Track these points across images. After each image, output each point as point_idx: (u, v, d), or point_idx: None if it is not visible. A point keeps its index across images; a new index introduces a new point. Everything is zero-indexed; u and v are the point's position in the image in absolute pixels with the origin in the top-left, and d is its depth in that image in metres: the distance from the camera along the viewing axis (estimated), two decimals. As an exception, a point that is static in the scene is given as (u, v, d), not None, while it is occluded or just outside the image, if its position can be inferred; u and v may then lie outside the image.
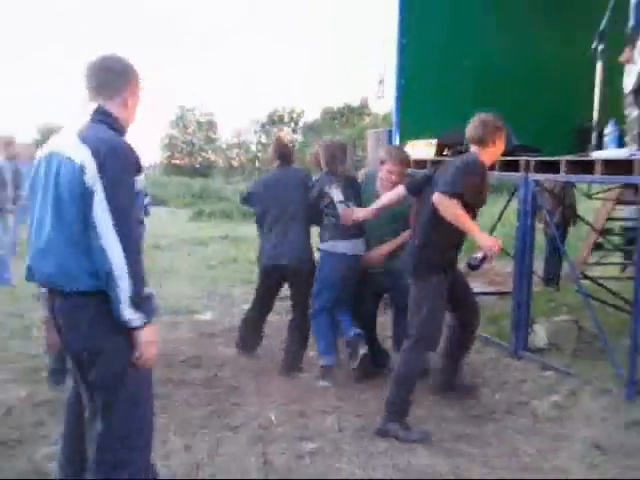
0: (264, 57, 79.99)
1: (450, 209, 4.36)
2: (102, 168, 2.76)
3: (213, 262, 11.13)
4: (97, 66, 3.02)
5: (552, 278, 8.71)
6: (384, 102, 22.44)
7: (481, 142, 4.69)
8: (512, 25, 8.14)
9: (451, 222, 4.40)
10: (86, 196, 2.77)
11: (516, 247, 6.21)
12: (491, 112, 4.93)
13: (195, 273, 10.12)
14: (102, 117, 2.96)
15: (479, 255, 4.50)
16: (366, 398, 5.15)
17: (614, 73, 6.36)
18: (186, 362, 5.86)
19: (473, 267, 4.62)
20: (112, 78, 3.02)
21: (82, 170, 2.77)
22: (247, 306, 6.44)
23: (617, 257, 9.76)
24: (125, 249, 2.77)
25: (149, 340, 2.89)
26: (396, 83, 7.93)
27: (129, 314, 2.81)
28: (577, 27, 6.70)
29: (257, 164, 47.59)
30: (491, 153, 4.78)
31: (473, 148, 4.75)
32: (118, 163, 2.82)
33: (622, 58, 6.12)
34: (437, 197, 4.38)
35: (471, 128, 4.73)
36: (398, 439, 4.38)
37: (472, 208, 4.55)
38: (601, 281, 7.67)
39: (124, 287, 2.77)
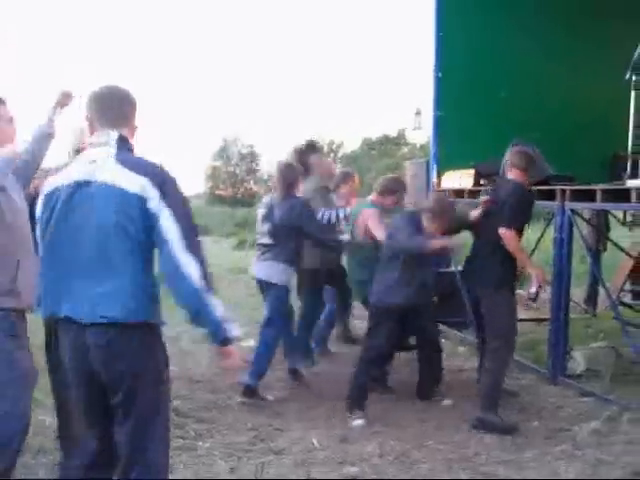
0: (304, 89, 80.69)
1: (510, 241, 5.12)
2: (165, 195, 2.80)
3: (255, 290, 11.25)
4: (111, 96, 3.06)
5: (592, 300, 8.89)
6: (421, 133, 22.49)
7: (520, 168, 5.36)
8: (547, 55, 8.24)
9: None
10: (150, 224, 2.80)
11: (553, 274, 6.28)
12: (526, 142, 5.20)
13: (238, 301, 10.27)
14: (126, 145, 2.99)
15: (534, 286, 5.37)
16: (407, 424, 5.24)
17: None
18: (231, 387, 5.99)
19: (534, 299, 5.66)
20: (128, 108, 3.08)
21: (144, 200, 2.79)
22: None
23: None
24: (201, 266, 2.85)
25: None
26: (433, 115, 8.10)
27: (231, 328, 2.90)
28: (612, 57, 6.79)
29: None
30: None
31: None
32: (175, 187, 2.90)
33: None
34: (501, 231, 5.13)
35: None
36: (494, 426, 4.99)
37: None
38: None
39: (214, 303, 2.85)
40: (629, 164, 6.21)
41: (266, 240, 5.91)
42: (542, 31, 8.22)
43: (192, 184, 51.13)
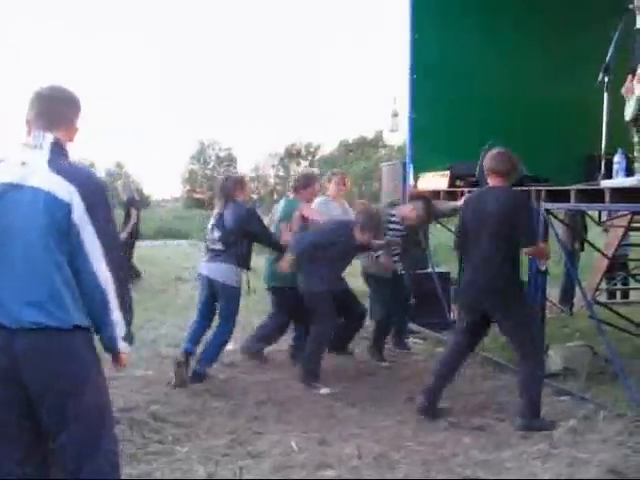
0: (282, 91, 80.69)
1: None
2: (91, 207, 2.81)
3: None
4: (53, 97, 3.00)
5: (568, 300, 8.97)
6: (398, 135, 22.60)
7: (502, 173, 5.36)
8: (521, 57, 8.32)
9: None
10: (74, 231, 2.79)
11: (529, 275, 6.31)
12: (500, 144, 5.20)
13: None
14: (61, 150, 2.92)
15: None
16: (385, 426, 5.25)
17: (622, 103, 6.52)
18: (208, 391, 5.99)
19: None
20: (69, 110, 3.03)
21: (69, 208, 2.78)
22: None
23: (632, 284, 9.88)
24: (117, 279, 2.88)
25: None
26: (408, 117, 8.13)
27: (123, 347, 3.05)
28: (585, 59, 6.84)
29: (275, 197, 47.85)
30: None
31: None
32: (104, 199, 2.91)
33: (623, 90, 6.30)
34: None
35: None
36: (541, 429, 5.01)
37: None
38: (614, 306, 7.76)
39: (117, 319, 2.93)
40: (603, 164, 6.25)
41: (218, 246, 6.44)
42: (517, 33, 8.30)
43: (169, 187, 50.97)
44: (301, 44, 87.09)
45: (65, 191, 2.78)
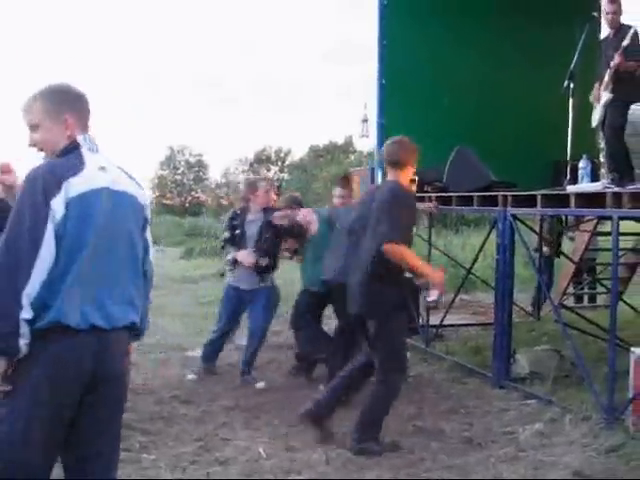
0: (251, 96, 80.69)
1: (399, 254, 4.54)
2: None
3: (204, 299, 11.22)
4: (83, 96, 2.90)
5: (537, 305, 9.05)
6: (368, 140, 22.66)
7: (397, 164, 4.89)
8: (489, 64, 8.40)
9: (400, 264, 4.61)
10: (146, 230, 2.97)
11: (496, 279, 6.37)
12: (470, 148, 5.19)
13: (186, 310, 10.22)
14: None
15: (434, 293, 4.77)
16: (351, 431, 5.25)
17: (587, 110, 6.62)
18: (176, 398, 5.95)
19: (435, 307, 4.86)
20: (88, 108, 2.94)
21: (146, 210, 2.97)
22: (240, 342, 6.98)
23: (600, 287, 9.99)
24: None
25: None
26: (377, 122, 8.15)
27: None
28: (553, 65, 6.90)
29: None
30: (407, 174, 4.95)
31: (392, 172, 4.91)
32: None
33: (591, 97, 6.40)
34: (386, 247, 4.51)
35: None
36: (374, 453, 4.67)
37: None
38: (582, 310, 7.85)
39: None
40: (568, 170, 6.33)
41: None
42: (484, 39, 8.37)
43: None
44: (271, 49, 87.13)
45: (141, 193, 2.95)
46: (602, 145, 6.50)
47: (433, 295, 4.80)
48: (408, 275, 4.84)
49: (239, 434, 5.15)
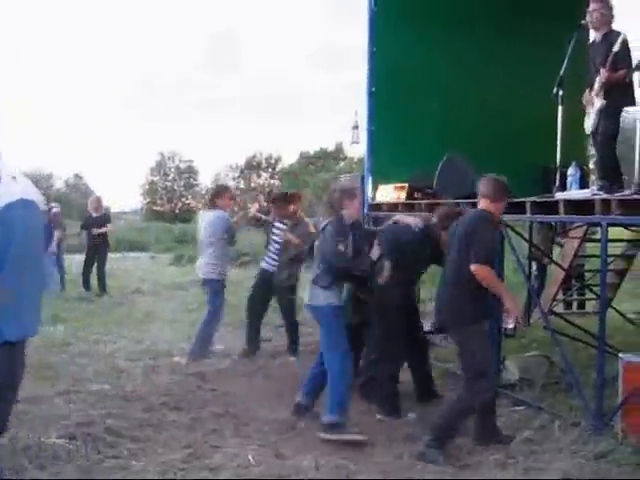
0: (241, 103, 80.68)
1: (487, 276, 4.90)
2: None
3: (192, 306, 11.19)
4: None
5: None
6: (359, 147, 22.69)
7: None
8: (479, 71, 8.42)
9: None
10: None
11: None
12: (459, 155, 5.22)
13: (175, 317, 10.19)
14: None
15: (511, 321, 5.38)
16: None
17: (576, 117, 6.65)
18: (165, 405, 5.92)
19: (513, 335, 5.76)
20: None
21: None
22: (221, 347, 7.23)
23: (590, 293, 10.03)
24: None
25: None
26: (367, 129, 8.17)
27: None
28: (543, 72, 6.92)
29: (235, 209, 47.72)
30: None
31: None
32: None
33: (584, 100, 6.41)
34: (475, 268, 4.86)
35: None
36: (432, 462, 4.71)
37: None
38: (571, 317, 7.87)
39: None
40: (558, 177, 6.35)
41: None
42: (474, 47, 8.40)
43: (128, 199, 50.59)
44: (261, 55, 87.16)
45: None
46: (593, 152, 6.51)
47: (510, 323, 5.41)
48: None
49: (228, 441, 5.13)
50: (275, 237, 7.79)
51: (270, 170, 53.22)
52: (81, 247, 14.26)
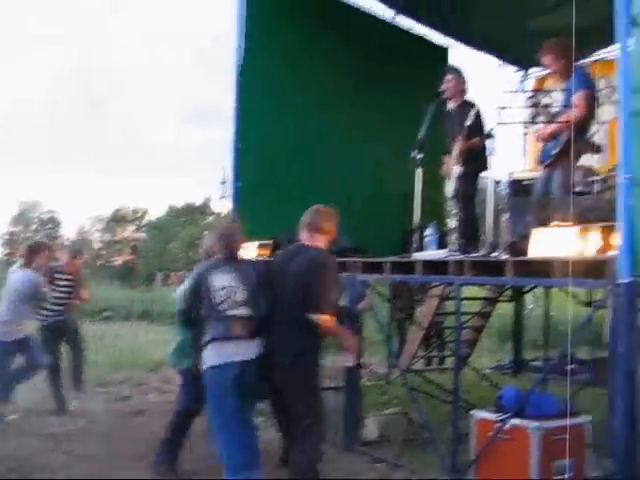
0: (107, 152, 79.22)
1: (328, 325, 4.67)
2: None
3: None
4: None
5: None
6: (227, 202, 22.73)
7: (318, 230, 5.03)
8: (343, 132, 8.64)
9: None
10: None
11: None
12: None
13: None
14: None
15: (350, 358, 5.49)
16: None
17: (436, 179, 6.94)
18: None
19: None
20: None
21: None
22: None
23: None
24: None
25: None
26: (233, 186, 8.15)
27: None
28: (405, 136, 7.14)
29: (99, 262, 46.57)
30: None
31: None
32: None
33: (444, 170, 6.78)
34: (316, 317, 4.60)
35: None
36: None
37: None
38: (431, 373, 8.05)
39: None
40: (417, 237, 6.58)
41: None
42: (341, 108, 8.63)
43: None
44: (127, 108, 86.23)
45: None
46: (454, 212, 6.79)
47: (349, 361, 5.62)
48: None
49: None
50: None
51: (137, 223, 52.32)
52: None
